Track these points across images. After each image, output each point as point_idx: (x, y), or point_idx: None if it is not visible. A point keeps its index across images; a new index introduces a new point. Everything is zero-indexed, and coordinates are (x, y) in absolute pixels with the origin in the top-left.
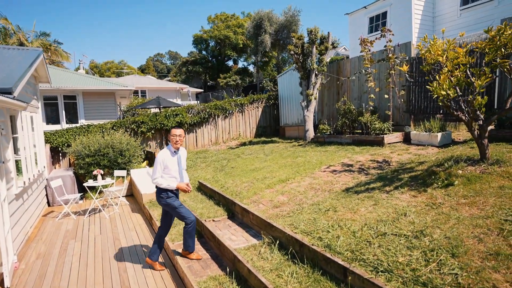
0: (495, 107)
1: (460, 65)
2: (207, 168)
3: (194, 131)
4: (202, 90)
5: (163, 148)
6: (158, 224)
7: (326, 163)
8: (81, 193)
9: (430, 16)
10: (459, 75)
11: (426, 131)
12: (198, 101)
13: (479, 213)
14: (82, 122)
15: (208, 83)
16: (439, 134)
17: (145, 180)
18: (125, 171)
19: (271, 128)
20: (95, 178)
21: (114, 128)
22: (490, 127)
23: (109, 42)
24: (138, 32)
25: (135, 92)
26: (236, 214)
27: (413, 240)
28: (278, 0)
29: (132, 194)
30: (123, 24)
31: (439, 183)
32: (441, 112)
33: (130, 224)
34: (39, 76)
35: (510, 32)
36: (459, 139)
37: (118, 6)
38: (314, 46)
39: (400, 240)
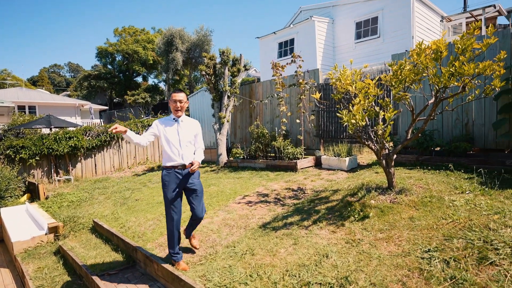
0: (391, 133)
1: (370, 96)
2: (106, 202)
3: (93, 156)
4: (107, 108)
5: (51, 177)
6: (31, 284)
7: (241, 193)
8: None
9: (331, 46)
10: (367, 105)
11: (335, 155)
12: (102, 120)
13: (397, 250)
14: None
15: (114, 100)
16: (347, 159)
17: (23, 220)
18: None
19: None
20: None
21: None
22: (385, 151)
23: None
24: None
25: (21, 107)
26: (138, 262)
27: None
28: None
29: (3, 240)
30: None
31: (356, 216)
32: (345, 135)
33: None
34: None
35: (408, 68)
36: (363, 163)
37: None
38: (227, 68)
39: None
